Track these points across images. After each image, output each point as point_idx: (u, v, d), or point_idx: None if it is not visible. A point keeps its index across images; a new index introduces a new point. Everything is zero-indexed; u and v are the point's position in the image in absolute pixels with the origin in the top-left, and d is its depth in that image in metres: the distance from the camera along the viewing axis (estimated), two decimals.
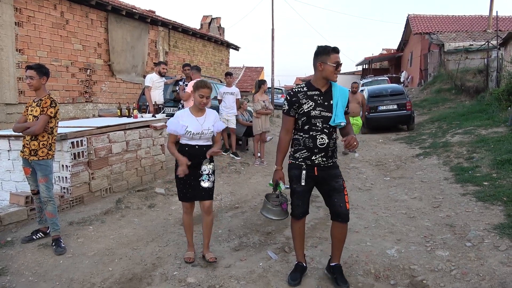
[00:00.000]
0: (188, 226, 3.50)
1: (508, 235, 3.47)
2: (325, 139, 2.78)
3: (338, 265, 3.02)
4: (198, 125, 3.30)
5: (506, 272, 2.89)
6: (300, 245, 3.07)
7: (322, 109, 2.77)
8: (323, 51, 2.75)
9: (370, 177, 6.50)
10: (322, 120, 2.77)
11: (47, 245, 3.73)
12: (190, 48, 13.74)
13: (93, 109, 9.36)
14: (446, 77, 18.06)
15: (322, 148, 2.79)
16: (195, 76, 6.82)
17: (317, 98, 2.79)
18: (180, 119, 3.30)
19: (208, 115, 3.40)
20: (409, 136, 10.60)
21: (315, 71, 2.83)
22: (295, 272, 3.04)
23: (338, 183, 2.86)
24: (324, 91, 2.81)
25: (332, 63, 2.71)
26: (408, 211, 4.55)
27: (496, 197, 4.44)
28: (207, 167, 3.33)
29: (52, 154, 3.74)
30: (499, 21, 16.87)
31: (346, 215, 2.87)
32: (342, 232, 2.95)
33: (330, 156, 2.84)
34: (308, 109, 2.78)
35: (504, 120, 8.59)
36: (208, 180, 3.34)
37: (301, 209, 2.94)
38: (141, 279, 3.20)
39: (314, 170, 2.83)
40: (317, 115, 2.77)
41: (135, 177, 5.64)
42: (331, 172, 2.86)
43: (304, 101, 2.79)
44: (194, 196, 3.37)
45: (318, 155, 2.79)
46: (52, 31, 8.26)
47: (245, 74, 29.58)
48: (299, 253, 3.09)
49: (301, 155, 2.84)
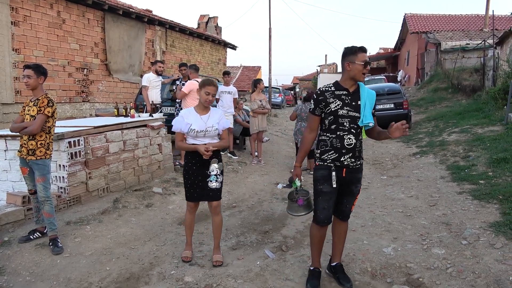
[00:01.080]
0: (190, 225, 3.50)
1: (503, 233, 3.49)
2: (353, 139, 2.75)
3: (339, 264, 3.03)
4: (202, 123, 3.30)
5: (501, 269, 2.92)
6: (319, 252, 3.01)
7: (350, 108, 2.74)
8: (349, 51, 2.76)
9: (367, 176, 6.52)
10: (350, 120, 2.74)
11: (44, 245, 3.73)
12: (187, 48, 13.73)
13: (90, 108, 9.34)
14: (442, 76, 18.12)
15: (350, 149, 2.75)
16: (193, 76, 6.82)
17: (344, 98, 2.76)
18: (185, 117, 3.33)
19: (212, 113, 3.41)
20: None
21: (343, 72, 2.83)
22: (313, 279, 2.95)
23: (357, 188, 2.89)
24: (352, 91, 2.79)
25: (360, 61, 2.70)
26: (404, 210, 4.57)
27: (492, 195, 4.47)
28: (215, 167, 3.32)
29: (50, 153, 3.74)
30: (495, 20, 16.94)
31: (347, 215, 2.96)
32: (343, 229, 3.00)
33: (357, 157, 2.80)
34: (336, 108, 2.74)
35: (500, 118, 8.63)
36: (216, 181, 3.33)
37: (326, 214, 2.83)
38: (138, 278, 3.21)
39: (343, 172, 2.79)
40: (344, 115, 2.74)
41: (133, 177, 5.63)
42: (357, 175, 2.86)
43: (331, 100, 2.76)
44: (201, 196, 3.36)
45: (347, 155, 2.75)
46: (49, 30, 8.23)
47: (242, 74, 29.57)
48: (316, 260, 3.02)
49: (329, 156, 2.78)
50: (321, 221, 2.86)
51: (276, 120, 15.75)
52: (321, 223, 2.87)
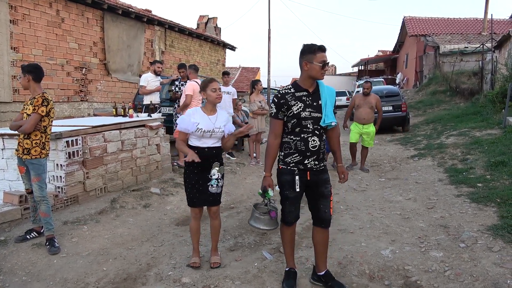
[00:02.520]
0: (196, 231, 3.39)
1: (501, 236, 3.49)
2: (317, 141, 2.71)
3: (327, 272, 2.94)
4: (210, 123, 3.22)
5: (499, 273, 2.91)
6: (291, 251, 3.01)
7: (312, 109, 2.69)
8: (308, 49, 2.65)
9: (365, 178, 6.52)
10: (313, 121, 2.69)
11: (41, 244, 3.71)
12: (187, 48, 13.72)
13: (88, 108, 9.32)
14: (441, 79, 18.18)
15: (314, 151, 2.71)
16: (192, 76, 6.80)
17: (305, 99, 2.69)
18: (191, 116, 3.23)
19: (220, 115, 3.35)
20: (404, 137, 10.65)
21: (301, 71, 2.73)
22: (289, 279, 2.95)
23: (327, 189, 2.81)
24: (312, 91, 2.72)
25: (318, 62, 2.62)
26: (402, 212, 4.57)
27: (490, 198, 4.48)
28: (217, 171, 3.26)
29: (46, 153, 3.72)
30: (493, 24, 17.02)
31: (329, 221, 2.86)
32: (324, 237, 2.91)
33: (321, 159, 2.77)
34: (298, 111, 2.67)
35: (498, 122, 8.66)
36: (217, 185, 3.27)
37: (293, 215, 2.86)
38: (135, 279, 3.19)
39: (307, 175, 2.74)
40: (307, 116, 2.68)
41: (130, 177, 5.62)
42: (322, 177, 2.80)
43: (292, 102, 2.68)
44: (203, 201, 3.28)
45: (311, 158, 2.71)
46: (48, 29, 8.21)
47: (241, 74, 29.56)
48: (289, 259, 3.02)
49: (292, 159, 2.73)
50: (290, 222, 2.89)
51: None
52: (289, 223, 2.90)
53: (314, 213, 2.87)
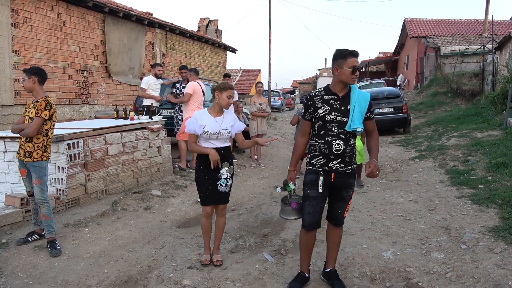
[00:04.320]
0: (207, 230, 3.48)
1: (502, 237, 3.48)
2: (341, 145, 2.70)
3: (334, 270, 2.99)
4: (216, 125, 3.31)
5: (501, 274, 2.91)
6: (306, 256, 2.99)
7: (338, 113, 2.69)
8: (339, 55, 2.69)
9: (366, 180, 6.51)
10: (338, 125, 2.69)
11: (42, 247, 3.71)
12: (187, 50, 13.75)
13: (89, 110, 9.33)
14: (442, 81, 18.16)
15: (338, 154, 2.71)
16: (192, 79, 6.82)
17: (333, 103, 2.72)
18: (198, 119, 3.31)
19: (226, 116, 3.41)
20: (405, 139, 10.64)
21: (332, 75, 2.80)
22: (295, 282, 2.96)
23: (348, 194, 2.84)
24: (341, 96, 2.73)
25: (349, 67, 2.64)
26: (403, 214, 4.56)
27: (491, 200, 4.47)
28: (226, 170, 3.34)
29: (47, 156, 3.73)
30: (494, 25, 17.00)
31: (340, 220, 2.91)
32: (336, 235, 2.96)
33: (348, 162, 2.75)
34: (323, 114, 2.71)
35: (499, 123, 8.64)
36: (226, 185, 3.37)
37: (312, 219, 2.82)
38: (136, 281, 3.19)
39: (331, 176, 2.76)
40: (332, 120, 2.69)
41: (131, 179, 5.62)
42: (347, 181, 2.80)
43: (319, 105, 2.73)
44: (213, 200, 3.38)
45: (335, 161, 2.72)
46: (49, 32, 8.24)
47: (242, 77, 29.60)
48: (303, 264, 3.01)
49: (317, 161, 2.77)
50: (307, 226, 2.86)
51: (275, 123, 15.77)
52: (306, 227, 2.86)
53: (329, 211, 2.92)
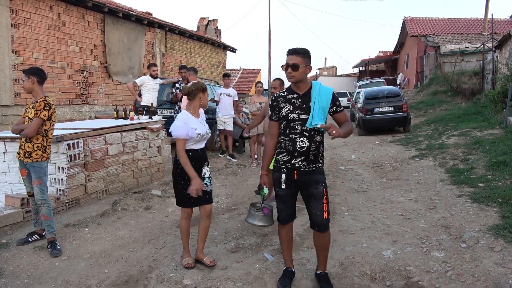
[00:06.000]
0: (187, 231, 3.42)
1: (503, 236, 3.48)
2: (305, 143, 2.72)
3: (323, 273, 2.96)
4: (203, 127, 3.33)
5: (501, 273, 2.91)
6: (288, 250, 3.04)
7: (300, 111, 2.73)
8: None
9: (366, 179, 6.51)
10: (301, 123, 2.73)
11: (42, 247, 3.72)
12: (187, 50, 13.75)
13: (89, 111, 9.34)
14: (442, 79, 18.16)
15: (302, 152, 2.73)
16: (192, 78, 6.83)
17: (295, 101, 2.76)
18: (188, 123, 3.19)
19: (202, 115, 3.44)
20: (405, 138, 10.64)
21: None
22: (284, 278, 2.99)
23: (318, 190, 2.76)
24: (302, 94, 2.77)
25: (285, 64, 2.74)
26: (404, 213, 4.56)
27: (491, 198, 4.47)
28: (207, 170, 3.36)
29: (47, 156, 3.73)
30: (494, 24, 16.99)
31: (323, 225, 2.78)
32: (321, 242, 2.87)
33: (312, 161, 2.76)
34: (287, 113, 2.76)
35: (499, 122, 8.64)
36: (210, 184, 3.36)
37: (285, 213, 2.89)
38: (137, 281, 3.19)
39: (294, 174, 2.77)
40: (295, 118, 2.74)
41: (132, 179, 5.63)
42: (312, 177, 2.77)
43: (283, 105, 2.79)
44: (198, 201, 3.29)
45: (298, 158, 2.74)
46: (49, 32, 8.24)
47: (241, 76, 29.59)
48: (286, 259, 3.07)
49: (282, 158, 2.81)
50: (282, 220, 2.93)
51: None
52: (282, 222, 2.94)
53: (309, 216, 2.87)
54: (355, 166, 7.63)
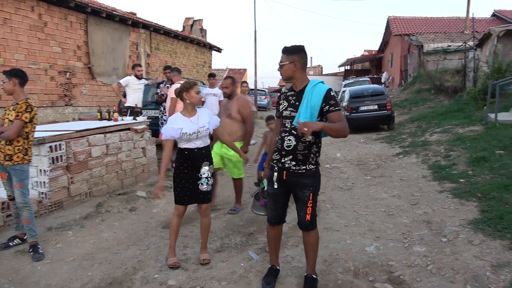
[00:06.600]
0: (176, 229, 3.44)
1: (481, 230, 3.57)
2: (293, 141, 2.66)
3: (309, 276, 2.89)
4: (193, 125, 3.31)
5: (479, 265, 2.98)
6: (274, 250, 3.04)
7: (292, 109, 2.70)
8: None
9: (351, 177, 6.59)
10: (291, 120, 2.69)
11: (24, 251, 3.66)
12: (172, 50, 13.67)
13: (73, 112, 9.21)
14: (425, 78, 18.43)
15: (289, 151, 2.68)
16: (176, 78, 6.78)
17: (291, 99, 2.76)
18: (174, 123, 3.30)
19: (201, 113, 3.42)
20: (389, 135, 10.78)
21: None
22: (269, 276, 3.01)
23: (304, 195, 2.70)
24: (297, 91, 2.74)
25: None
26: (387, 209, 4.63)
27: (471, 193, 4.57)
28: (207, 169, 3.36)
29: (28, 159, 3.67)
30: (475, 23, 17.33)
31: (305, 225, 2.77)
32: (306, 240, 2.85)
33: (301, 161, 2.67)
34: (282, 110, 2.77)
35: (480, 118, 8.83)
36: (207, 184, 3.36)
37: (274, 214, 2.89)
38: (121, 283, 3.18)
39: (283, 174, 2.74)
40: (287, 115, 2.72)
41: (116, 181, 5.58)
42: (301, 180, 2.69)
43: (281, 101, 2.82)
44: (192, 200, 3.36)
45: (287, 157, 2.69)
46: (30, 33, 8.10)
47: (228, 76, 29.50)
48: (272, 258, 3.08)
49: (275, 157, 2.81)
50: (269, 220, 2.94)
51: (262, 122, 15.77)
52: (269, 222, 2.95)
53: (297, 214, 2.86)
54: (340, 164, 7.70)
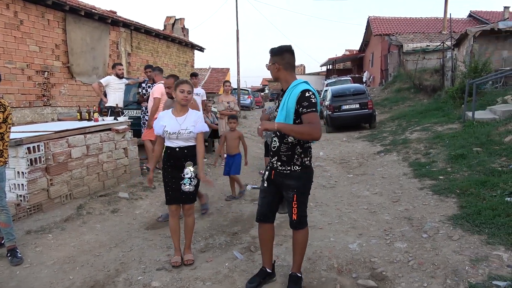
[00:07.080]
0: (175, 229, 3.45)
1: (460, 225, 3.66)
2: (277, 142, 2.71)
3: (293, 274, 2.90)
4: (176, 125, 3.29)
5: (459, 260, 3.06)
6: (264, 250, 3.02)
7: (278, 109, 2.74)
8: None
9: (334, 175, 6.66)
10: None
11: (1, 256, 3.55)
12: (154, 49, 13.51)
13: (52, 113, 8.99)
14: (405, 77, 18.80)
15: (274, 151, 2.74)
16: (158, 78, 6.71)
17: (280, 99, 2.78)
18: (160, 120, 3.37)
19: (189, 115, 3.37)
20: (371, 134, 10.94)
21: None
22: (254, 277, 2.99)
23: (288, 195, 2.73)
24: (284, 92, 2.74)
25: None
26: (369, 206, 4.70)
27: (451, 190, 4.68)
28: (190, 170, 3.33)
29: (4, 161, 3.56)
30: (452, 23, 17.75)
31: (293, 224, 2.81)
32: (294, 237, 2.88)
33: (285, 162, 2.69)
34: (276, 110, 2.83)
35: (458, 117, 9.06)
36: (190, 184, 3.33)
37: (261, 211, 2.91)
38: (103, 285, 3.12)
39: (272, 173, 2.79)
40: (275, 116, 2.76)
41: (97, 182, 5.48)
42: (286, 181, 2.71)
43: (276, 102, 2.91)
44: (175, 199, 3.37)
45: (274, 158, 2.76)
46: (5, 31, 7.86)
47: (211, 76, 29.41)
48: (264, 259, 3.05)
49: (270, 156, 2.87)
50: (256, 217, 2.97)
51: (245, 121, 15.77)
52: (256, 219, 2.98)
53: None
54: (323, 163, 7.77)
